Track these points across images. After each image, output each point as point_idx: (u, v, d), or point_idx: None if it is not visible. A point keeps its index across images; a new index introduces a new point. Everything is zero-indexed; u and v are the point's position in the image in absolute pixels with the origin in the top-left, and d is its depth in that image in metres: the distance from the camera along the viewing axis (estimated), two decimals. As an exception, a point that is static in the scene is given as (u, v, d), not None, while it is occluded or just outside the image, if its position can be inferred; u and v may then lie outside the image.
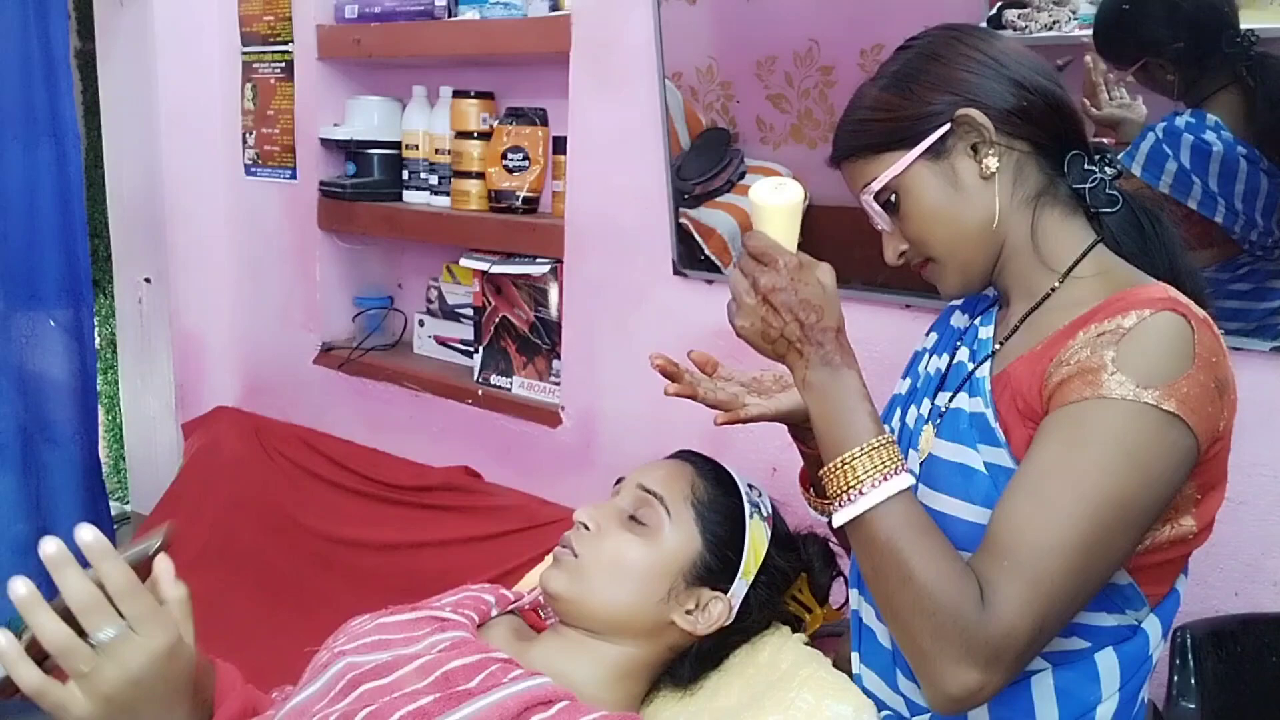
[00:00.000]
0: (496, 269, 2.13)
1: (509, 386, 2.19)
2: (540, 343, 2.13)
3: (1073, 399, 0.85)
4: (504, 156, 2.10)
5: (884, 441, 0.89)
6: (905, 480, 0.88)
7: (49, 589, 0.80)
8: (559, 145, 2.07)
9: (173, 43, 2.57)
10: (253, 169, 2.63)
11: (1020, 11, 1.44)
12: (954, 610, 0.81)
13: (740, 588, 1.08)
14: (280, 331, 2.63)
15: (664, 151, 1.80)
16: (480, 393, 2.20)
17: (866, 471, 0.88)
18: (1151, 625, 0.96)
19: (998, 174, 0.97)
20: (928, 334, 1.18)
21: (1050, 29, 1.43)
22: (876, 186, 0.99)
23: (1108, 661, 0.94)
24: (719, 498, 1.10)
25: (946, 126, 0.96)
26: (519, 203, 2.11)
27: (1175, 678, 1.16)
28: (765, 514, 1.12)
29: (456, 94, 2.20)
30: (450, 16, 2.17)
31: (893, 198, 0.99)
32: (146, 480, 2.83)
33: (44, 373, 2.48)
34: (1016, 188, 0.98)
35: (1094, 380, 0.84)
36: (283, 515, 2.34)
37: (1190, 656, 1.16)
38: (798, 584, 1.19)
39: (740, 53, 1.70)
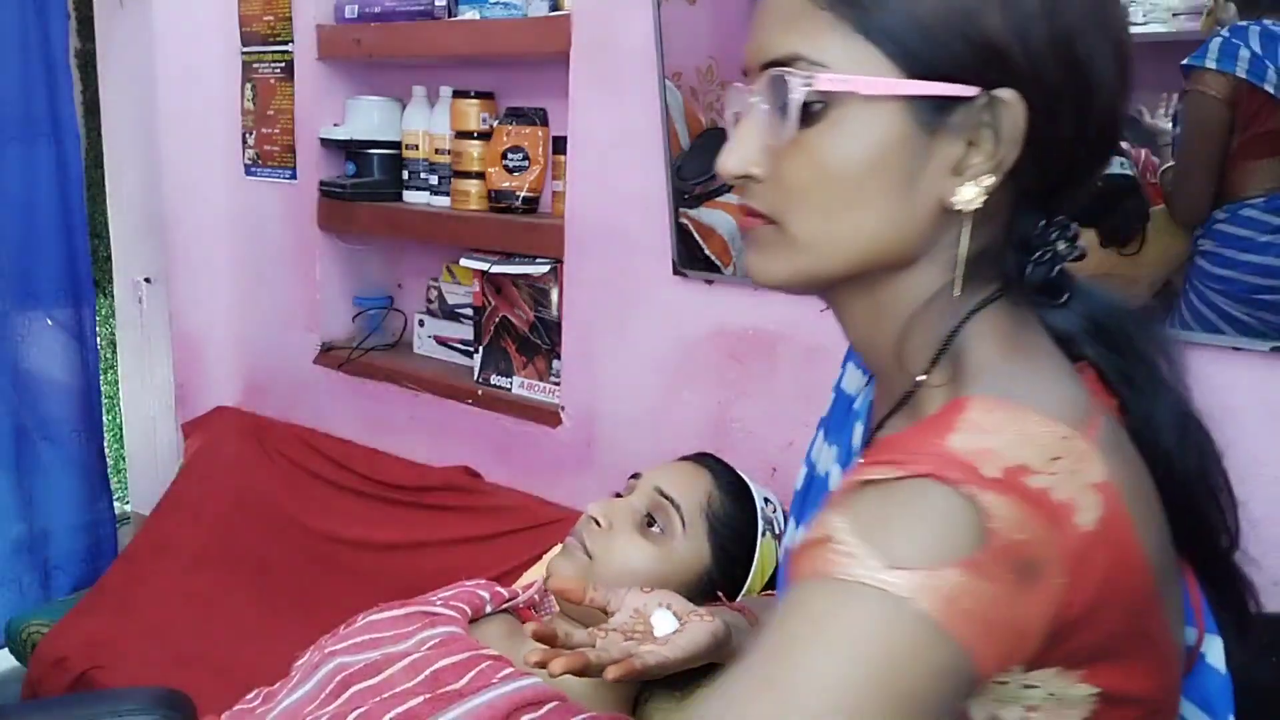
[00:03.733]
0: (496, 269, 2.13)
1: (509, 386, 2.19)
2: (540, 343, 2.13)
3: (803, 575, 0.57)
4: (504, 156, 2.10)
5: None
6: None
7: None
8: (559, 145, 2.06)
9: (173, 43, 2.57)
10: (253, 169, 2.63)
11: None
12: None
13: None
14: (280, 331, 2.63)
15: (664, 151, 1.80)
16: (480, 393, 2.20)
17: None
18: None
19: (968, 214, 0.63)
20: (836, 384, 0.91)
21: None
22: (823, 83, 0.61)
23: None
24: (735, 513, 1.09)
25: (976, 92, 0.61)
26: (519, 203, 2.11)
27: (1175, 678, 1.15)
28: (777, 531, 1.11)
29: (456, 94, 2.20)
30: (450, 16, 2.16)
31: (818, 107, 0.62)
32: (146, 480, 2.83)
33: (44, 372, 2.49)
34: (978, 230, 0.64)
35: (820, 553, 0.56)
36: (283, 515, 2.34)
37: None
38: None
39: (740, 53, 1.70)
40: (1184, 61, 1.36)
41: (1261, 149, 1.37)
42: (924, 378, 0.66)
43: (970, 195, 0.62)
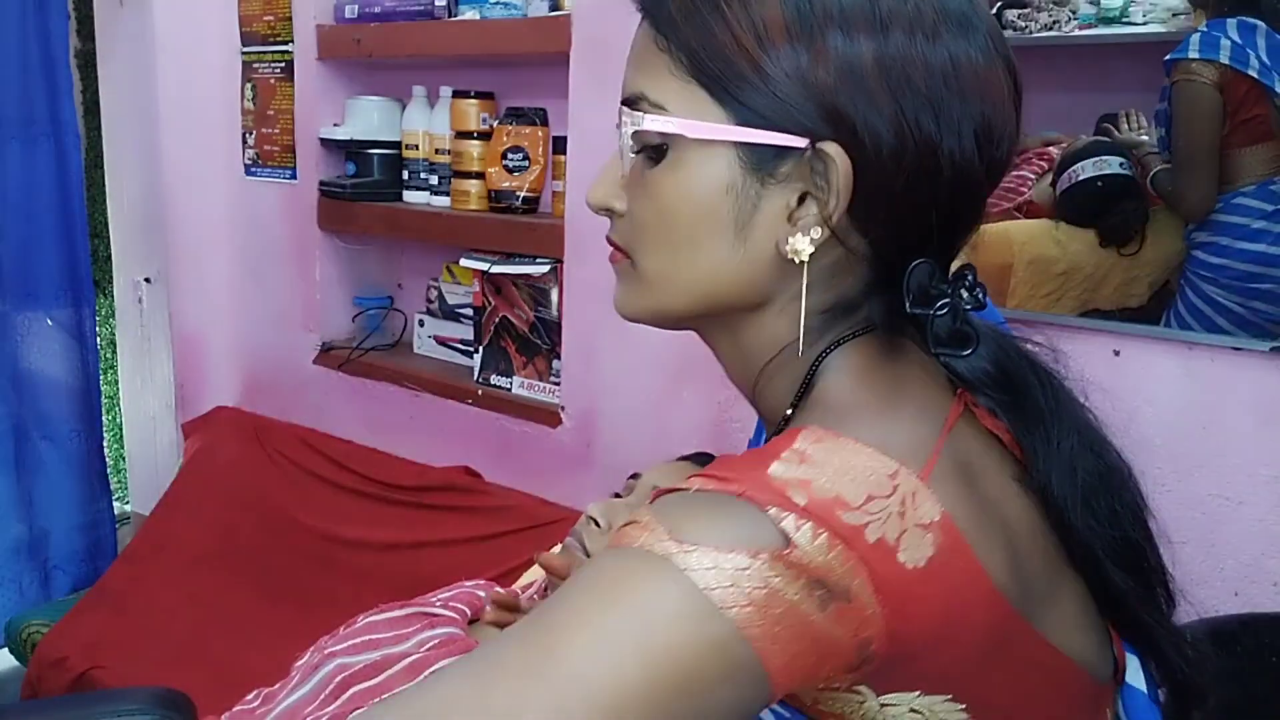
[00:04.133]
0: (496, 269, 2.13)
1: (509, 386, 2.19)
2: (540, 343, 2.13)
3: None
4: (504, 156, 2.10)
5: None
6: None
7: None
8: (559, 145, 2.06)
9: (173, 43, 2.57)
10: (253, 169, 2.63)
11: (1020, 11, 1.44)
12: None
13: None
14: (280, 331, 2.63)
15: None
16: (480, 393, 2.20)
17: None
18: None
19: (805, 263, 0.62)
20: None
21: (1050, 29, 1.43)
22: (653, 122, 0.63)
23: None
24: None
25: (802, 143, 0.61)
26: (519, 203, 2.11)
27: (1175, 678, 1.15)
28: None
29: (456, 94, 2.20)
30: (450, 16, 2.17)
31: (663, 149, 0.64)
32: (146, 480, 2.83)
33: (43, 372, 2.49)
34: (821, 282, 0.64)
35: (624, 532, 0.56)
36: (283, 515, 2.34)
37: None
38: None
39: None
40: (1166, 57, 1.38)
41: (1250, 135, 1.38)
42: (788, 414, 0.66)
43: (801, 246, 0.62)
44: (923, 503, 0.57)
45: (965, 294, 0.64)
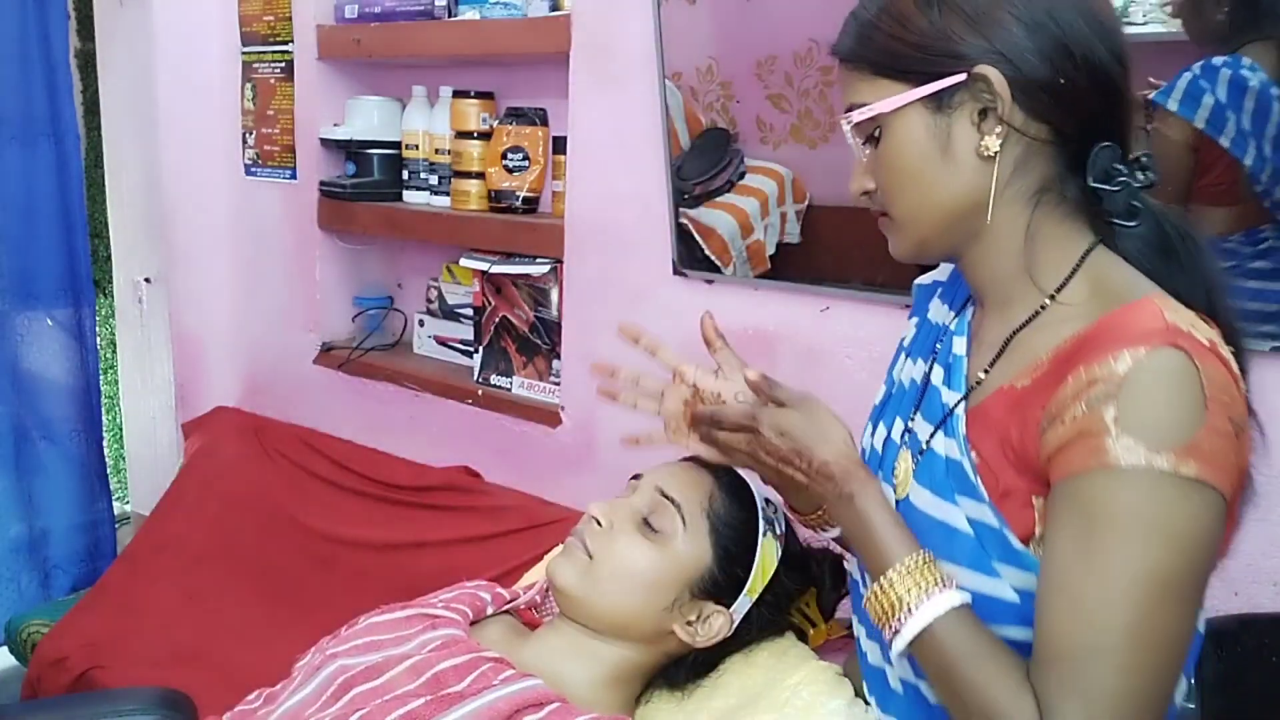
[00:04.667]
0: (496, 269, 2.13)
1: (509, 386, 2.19)
2: (540, 343, 2.13)
3: (1077, 470, 0.75)
4: (504, 156, 2.10)
5: (920, 561, 0.83)
6: (951, 599, 0.81)
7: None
8: (559, 145, 2.06)
9: (173, 43, 2.57)
10: (253, 169, 2.63)
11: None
12: None
13: (744, 604, 1.08)
14: (280, 331, 2.63)
15: (664, 151, 1.80)
16: (480, 393, 2.20)
17: (909, 592, 0.82)
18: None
19: (998, 157, 0.82)
20: (910, 316, 1.08)
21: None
22: (858, 116, 0.86)
23: None
24: (735, 512, 1.09)
25: (961, 77, 0.81)
26: (519, 203, 2.11)
27: (1175, 678, 1.15)
28: (778, 532, 1.11)
29: (456, 94, 2.20)
30: (450, 16, 2.17)
31: (877, 131, 0.86)
32: (146, 480, 2.83)
33: (43, 372, 2.49)
34: (1016, 177, 0.84)
35: (1097, 447, 0.73)
36: (283, 515, 2.34)
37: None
38: (805, 596, 1.19)
39: (740, 53, 1.70)
40: (1151, 96, 1.33)
41: (1215, 197, 1.34)
42: (1054, 297, 0.84)
43: (990, 143, 0.82)
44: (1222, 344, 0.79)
45: (1141, 174, 0.83)
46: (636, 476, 1.16)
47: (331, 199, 2.39)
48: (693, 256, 1.81)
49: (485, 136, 2.15)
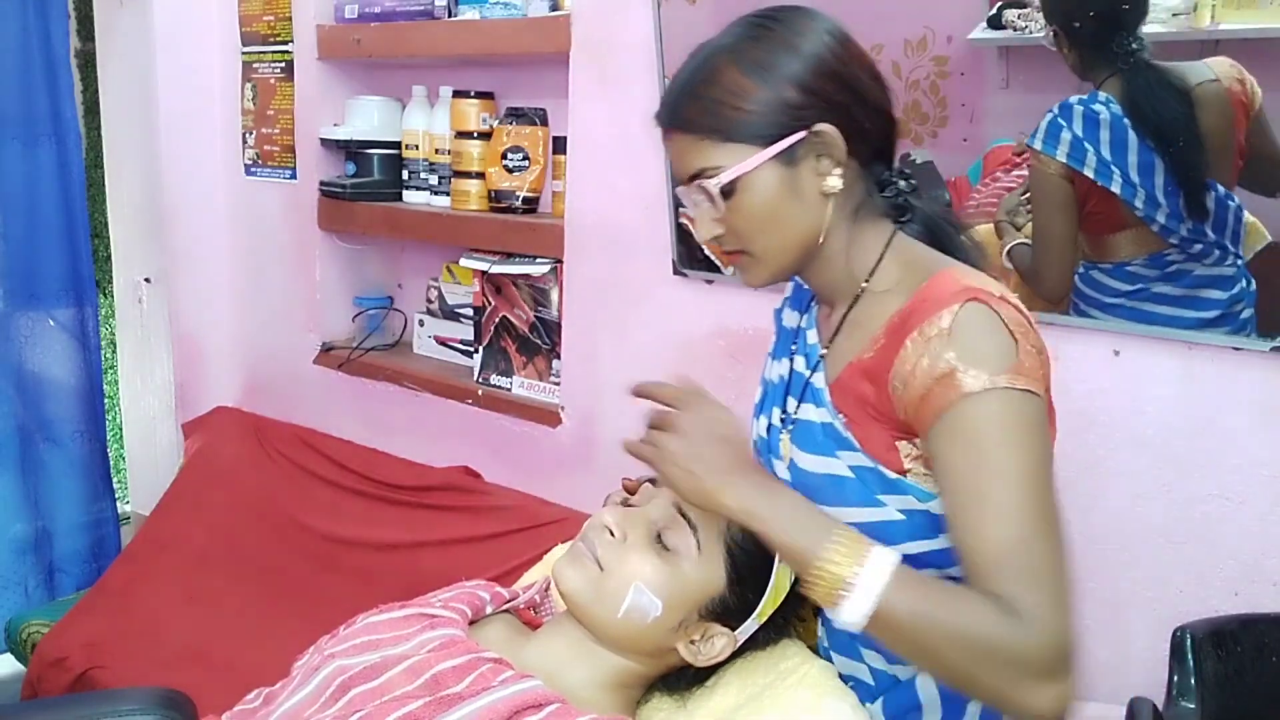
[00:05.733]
0: (496, 269, 2.13)
1: (509, 386, 2.19)
2: (540, 343, 2.13)
3: (943, 407, 0.90)
4: (504, 156, 2.10)
5: (846, 533, 0.91)
6: (886, 554, 0.90)
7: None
8: (559, 145, 2.06)
9: (173, 43, 2.57)
10: (253, 169, 2.63)
11: (1020, 11, 1.44)
12: (1005, 642, 0.84)
13: (750, 627, 1.06)
14: (280, 331, 2.63)
15: (664, 151, 1.80)
16: (480, 393, 2.20)
17: (845, 566, 0.89)
18: None
19: (836, 192, 0.98)
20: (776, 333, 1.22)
21: (1050, 29, 1.43)
22: (724, 179, 0.97)
23: None
24: (753, 537, 1.07)
25: (803, 134, 0.96)
26: (519, 203, 2.11)
27: (1175, 678, 1.16)
28: None
29: (456, 94, 2.20)
30: (450, 16, 2.17)
31: (730, 187, 0.98)
32: (146, 480, 2.83)
33: (45, 372, 2.49)
34: (844, 202, 1.01)
35: (952, 384, 0.90)
36: (283, 515, 2.34)
37: (1190, 656, 1.16)
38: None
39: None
40: (1025, 139, 1.43)
41: (1101, 225, 1.41)
42: (868, 280, 1.03)
43: (834, 182, 0.98)
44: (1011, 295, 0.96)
45: (903, 182, 1.06)
46: (652, 481, 1.13)
47: (331, 199, 2.39)
48: (693, 256, 1.81)
49: (485, 136, 2.15)
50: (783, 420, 1.10)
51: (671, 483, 1.00)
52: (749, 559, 1.04)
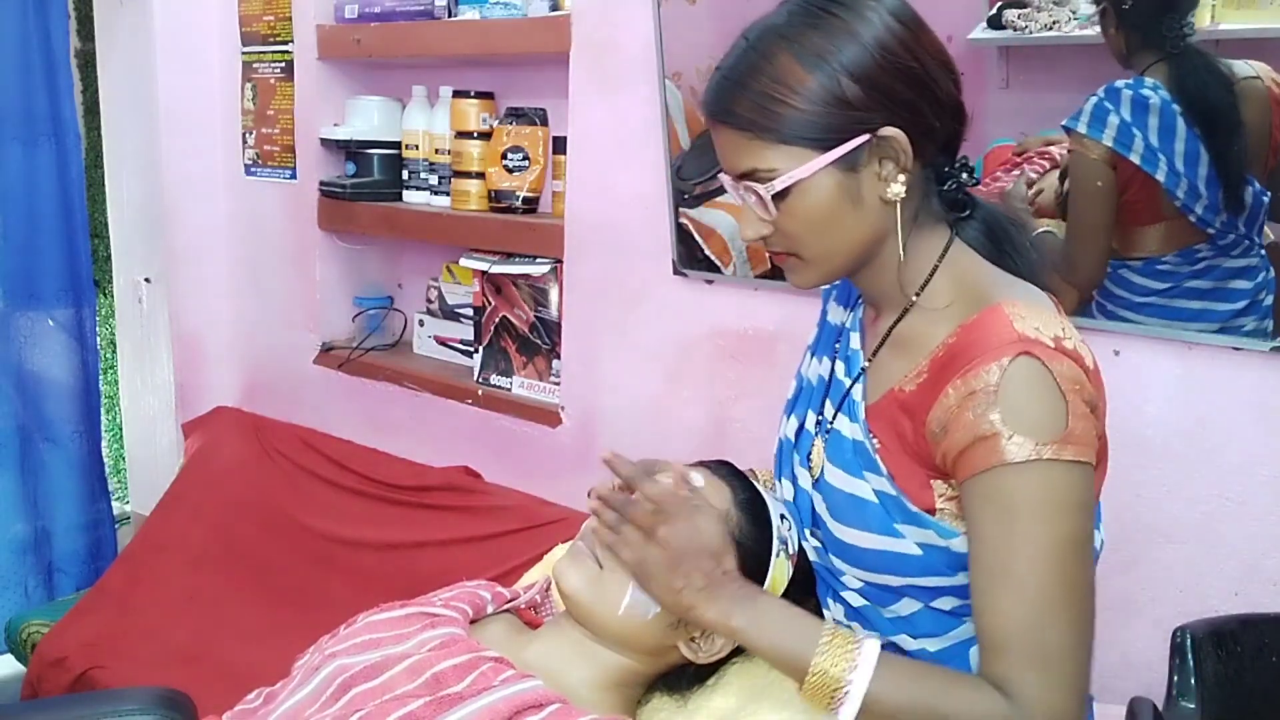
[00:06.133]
0: (496, 269, 2.13)
1: (509, 386, 2.19)
2: (540, 343, 2.13)
3: (981, 468, 0.87)
4: (504, 156, 2.10)
5: (833, 632, 0.91)
6: (873, 648, 0.89)
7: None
8: (559, 145, 2.06)
9: (173, 43, 2.57)
10: (253, 169, 2.63)
11: (1020, 11, 1.44)
12: None
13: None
14: (280, 331, 2.63)
15: (664, 151, 1.80)
16: (480, 393, 2.20)
17: (839, 667, 0.88)
18: None
19: (899, 200, 0.92)
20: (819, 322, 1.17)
21: (1050, 29, 1.42)
22: (779, 185, 0.90)
23: None
24: (751, 531, 1.07)
25: (866, 138, 0.89)
26: (519, 203, 2.11)
27: (1175, 678, 1.15)
28: (791, 551, 1.09)
29: (456, 94, 2.20)
30: (450, 16, 2.16)
31: (784, 193, 0.91)
32: (146, 480, 2.83)
33: (44, 372, 2.49)
34: (906, 207, 0.94)
35: (994, 448, 0.86)
36: (283, 515, 2.34)
37: (1190, 656, 1.16)
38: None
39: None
40: (1063, 123, 1.39)
41: (1137, 216, 1.38)
42: (918, 294, 0.98)
43: (896, 190, 0.91)
44: (1071, 327, 0.91)
45: (965, 174, 0.97)
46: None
47: (331, 199, 2.39)
48: (693, 256, 1.81)
49: (485, 136, 2.15)
50: (818, 426, 1.06)
51: (648, 592, 0.99)
52: (745, 550, 1.05)
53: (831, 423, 1.02)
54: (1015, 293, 0.93)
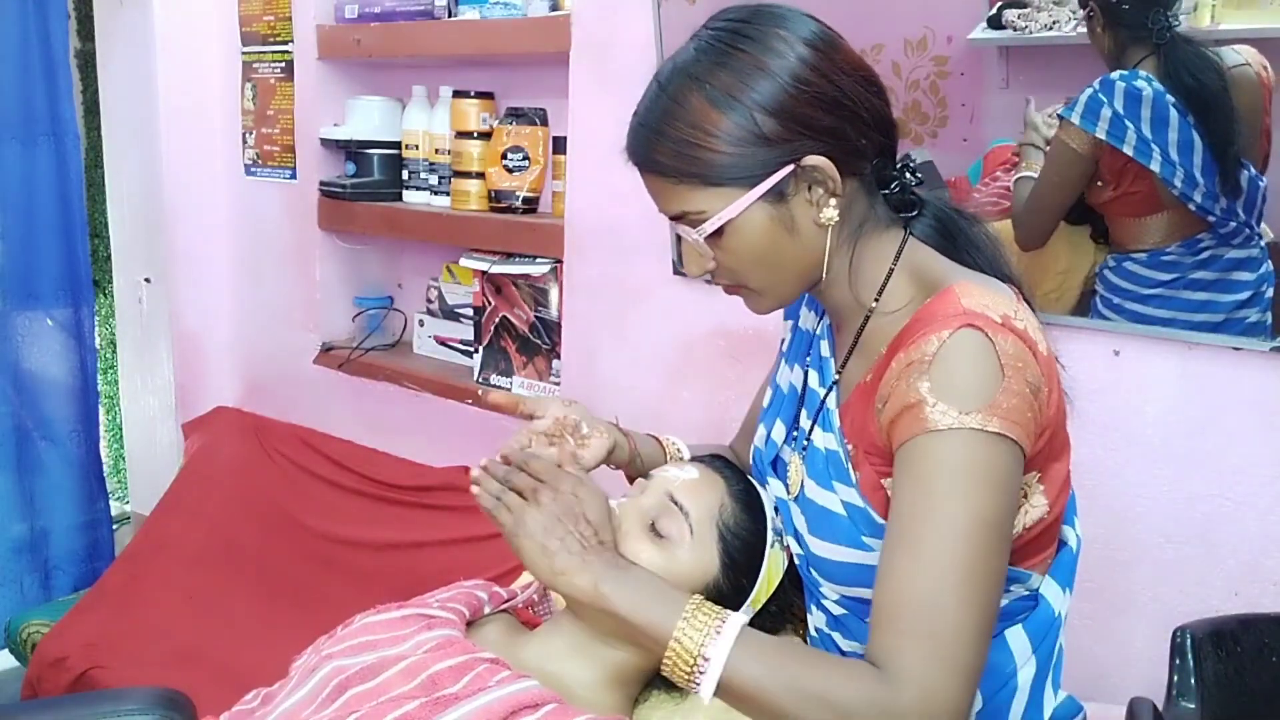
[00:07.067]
0: (496, 269, 2.13)
1: (509, 386, 2.19)
2: (540, 343, 2.13)
3: (905, 437, 0.85)
4: (504, 156, 2.10)
5: (696, 604, 0.88)
6: (737, 621, 0.86)
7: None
8: (559, 145, 2.06)
9: (173, 43, 2.57)
10: (253, 169, 2.63)
11: (1020, 11, 1.44)
12: (863, 702, 0.79)
13: (746, 614, 1.07)
14: (280, 331, 2.63)
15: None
16: (480, 393, 2.20)
17: (697, 638, 0.85)
18: (1049, 587, 0.99)
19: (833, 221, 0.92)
20: (785, 318, 1.16)
21: (1050, 29, 1.43)
22: (708, 227, 0.91)
23: (1017, 638, 0.98)
24: (745, 523, 1.07)
25: (790, 168, 0.88)
26: (519, 203, 2.11)
27: (1175, 678, 1.15)
28: (786, 543, 1.10)
29: (456, 94, 2.20)
30: (450, 16, 2.17)
31: (718, 231, 0.92)
32: (146, 480, 2.83)
33: (42, 372, 2.49)
34: (844, 224, 0.94)
35: (919, 415, 0.84)
36: (283, 515, 2.34)
37: (1190, 656, 1.16)
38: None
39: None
40: (1059, 111, 1.42)
41: (1135, 207, 1.40)
42: (877, 300, 0.97)
43: (830, 214, 0.92)
44: (1028, 311, 0.91)
45: (909, 175, 0.97)
46: (645, 475, 1.14)
47: (331, 199, 2.39)
48: (693, 256, 1.81)
49: (485, 136, 2.15)
50: (794, 439, 1.05)
51: (521, 556, 0.96)
52: (741, 543, 1.06)
53: (809, 436, 1.01)
54: (971, 278, 0.93)
